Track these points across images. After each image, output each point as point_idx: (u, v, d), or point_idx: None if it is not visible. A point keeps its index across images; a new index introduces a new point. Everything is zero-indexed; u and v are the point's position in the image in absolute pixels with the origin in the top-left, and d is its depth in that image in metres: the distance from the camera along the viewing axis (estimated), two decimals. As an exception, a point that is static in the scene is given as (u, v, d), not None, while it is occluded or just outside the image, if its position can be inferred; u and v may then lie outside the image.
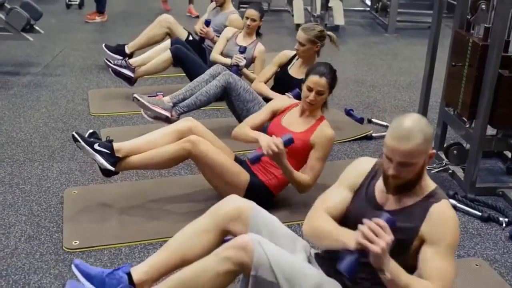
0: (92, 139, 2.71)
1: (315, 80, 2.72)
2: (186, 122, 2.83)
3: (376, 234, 1.60)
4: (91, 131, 2.80)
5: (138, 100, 3.43)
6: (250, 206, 2.02)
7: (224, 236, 2.01)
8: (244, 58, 3.97)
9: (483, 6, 3.02)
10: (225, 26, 4.48)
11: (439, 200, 1.80)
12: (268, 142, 2.53)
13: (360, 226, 1.64)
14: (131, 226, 2.68)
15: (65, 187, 3.03)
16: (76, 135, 2.66)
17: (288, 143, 2.56)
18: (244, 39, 4.17)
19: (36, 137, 3.65)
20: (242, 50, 4.01)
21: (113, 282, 1.94)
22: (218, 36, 4.43)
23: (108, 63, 4.19)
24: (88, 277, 1.97)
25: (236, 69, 3.92)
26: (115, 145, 2.70)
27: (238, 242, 1.81)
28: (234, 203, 2.04)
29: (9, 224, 2.67)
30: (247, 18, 4.11)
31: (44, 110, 4.11)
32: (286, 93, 3.46)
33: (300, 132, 2.77)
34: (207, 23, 4.49)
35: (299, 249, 1.99)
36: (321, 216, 1.88)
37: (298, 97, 3.24)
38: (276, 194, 2.84)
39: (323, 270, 1.92)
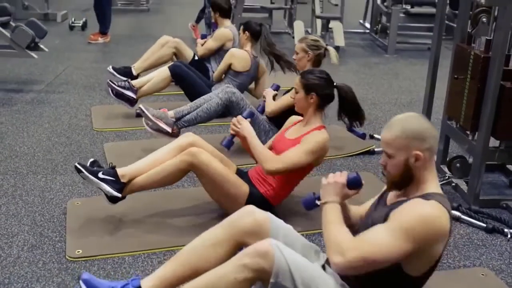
0: (95, 168, 2.69)
1: (295, 79, 2.81)
2: (187, 137, 2.84)
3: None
4: (92, 160, 2.77)
5: (143, 111, 3.44)
6: (269, 218, 2.00)
7: (239, 248, 1.96)
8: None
9: (484, 19, 3.06)
10: None
11: (427, 200, 1.75)
12: (232, 122, 2.75)
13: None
14: (134, 236, 2.67)
15: (68, 199, 3.02)
16: (79, 166, 2.63)
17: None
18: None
19: (39, 151, 3.65)
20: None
21: None
22: None
23: (112, 84, 4.15)
24: None
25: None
26: (119, 171, 2.67)
27: (259, 249, 1.77)
28: (253, 217, 1.99)
29: (12, 234, 2.66)
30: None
31: (47, 125, 4.13)
32: (266, 89, 3.62)
33: (293, 139, 2.77)
34: (203, 36, 4.63)
35: (315, 257, 1.98)
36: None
37: (276, 89, 3.66)
38: (275, 205, 2.82)
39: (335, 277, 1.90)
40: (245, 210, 2.04)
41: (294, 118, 3.01)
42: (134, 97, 4.21)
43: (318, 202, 1.99)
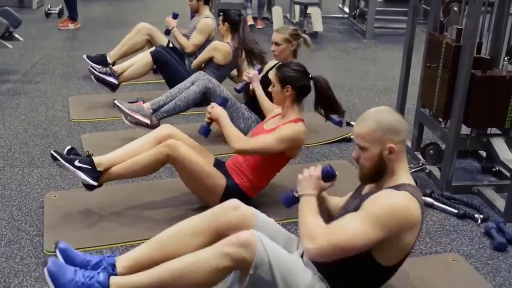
0: (71, 156, 2.70)
1: (272, 72, 2.84)
2: (165, 129, 2.85)
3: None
4: (69, 147, 2.78)
5: (119, 106, 3.44)
6: (254, 214, 2.02)
7: (219, 239, 1.93)
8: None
9: (455, 8, 3.11)
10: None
11: (399, 190, 1.79)
12: (207, 109, 2.85)
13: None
14: (112, 228, 2.69)
15: (45, 192, 3.02)
16: (55, 154, 2.64)
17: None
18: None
19: (15, 143, 3.64)
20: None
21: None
22: (187, 36, 4.63)
23: (93, 70, 4.17)
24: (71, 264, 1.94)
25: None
26: (95, 159, 2.69)
27: (241, 239, 1.79)
28: (239, 212, 2.01)
29: (-11, 229, 2.66)
30: None
31: (24, 117, 4.10)
32: (251, 71, 3.54)
33: (269, 129, 2.81)
34: (174, 15, 4.61)
35: (295, 248, 2.02)
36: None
37: (260, 71, 3.63)
38: (252, 197, 2.86)
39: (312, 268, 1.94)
40: (230, 204, 2.04)
41: (275, 111, 3.04)
42: (116, 82, 4.25)
43: (296, 194, 2.03)
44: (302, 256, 2.00)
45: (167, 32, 4.68)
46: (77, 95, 4.61)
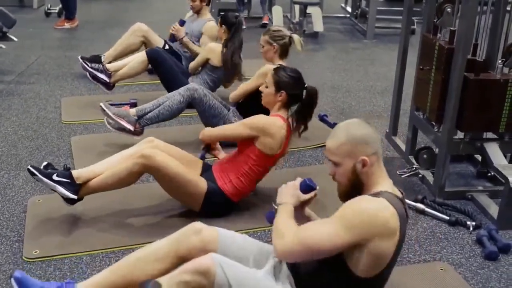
0: (49, 170, 2.65)
1: (268, 74, 2.83)
2: (149, 142, 2.80)
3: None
4: (45, 163, 2.73)
5: (104, 110, 3.40)
6: (217, 235, 1.97)
7: (181, 264, 1.89)
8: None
9: (449, 9, 3.03)
10: (202, 33, 4.47)
11: (376, 197, 1.75)
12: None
13: None
14: (93, 234, 2.64)
15: (29, 196, 2.98)
16: (32, 169, 2.60)
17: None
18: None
19: (4, 146, 3.60)
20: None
21: None
22: (194, 42, 4.43)
23: (85, 65, 4.16)
24: None
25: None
26: (74, 173, 2.65)
27: (199, 266, 1.75)
28: (200, 236, 1.95)
29: (-31, 234, 2.62)
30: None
31: (15, 118, 4.06)
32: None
33: None
34: (182, 22, 4.47)
35: (268, 258, 1.96)
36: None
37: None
38: (235, 201, 2.80)
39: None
40: (192, 228, 1.99)
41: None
42: (108, 80, 4.22)
43: (276, 207, 1.99)
44: (275, 265, 1.95)
45: (173, 39, 4.49)
46: (70, 96, 4.57)
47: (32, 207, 2.86)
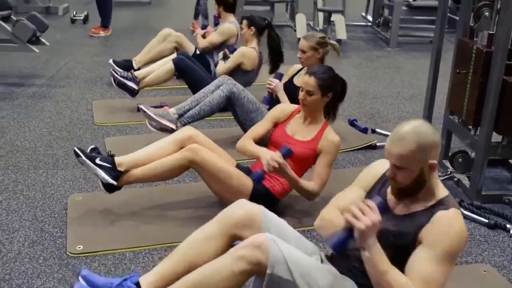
0: (93, 154, 2.70)
1: (305, 79, 2.74)
2: (186, 131, 2.83)
3: (363, 213, 1.64)
4: (92, 146, 2.79)
5: (144, 111, 3.43)
6: (260, 210, 1.99)
7: (232, 241, 1.97)
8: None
9: (487, 13, 3.03)
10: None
11: (448, 208, 1.73)
12: (268, 160, 2.52)
13: (351, 206, 1.67)
14: (135, 231, 2.67)
15: (69, 194, 3.02)
16: (77, 150, 2.65)
17: (287, 155, 2.56)
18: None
19: (40, 146, 3.65)
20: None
21: None
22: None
23: (115, 74, 4.19)
24: None
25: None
26: (117, 159, 2.69)
27: (253, 240, 1.78)
28: (244, 209, 1.99)
29: (13, 229, 2.66)
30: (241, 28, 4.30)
31: (49, 120, 4.12)
32: (270, 79, 3.57)
33: (307, 141, 2.77)
34: (204, 27, 4.55)
35: (311, 251, 1.97)
36: (332, 211, 1.91)
37: (280, 78, 3.59)
38: (280, 199, 2.82)
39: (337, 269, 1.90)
40: (237, 203, 2.03)
41: (285, 108, 2.98)
42: (136, 88, 4.25)
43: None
44: (321, 259, 1.96)
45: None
46: (101, 99, 4.63)
47: (72, 204, 2.89)
